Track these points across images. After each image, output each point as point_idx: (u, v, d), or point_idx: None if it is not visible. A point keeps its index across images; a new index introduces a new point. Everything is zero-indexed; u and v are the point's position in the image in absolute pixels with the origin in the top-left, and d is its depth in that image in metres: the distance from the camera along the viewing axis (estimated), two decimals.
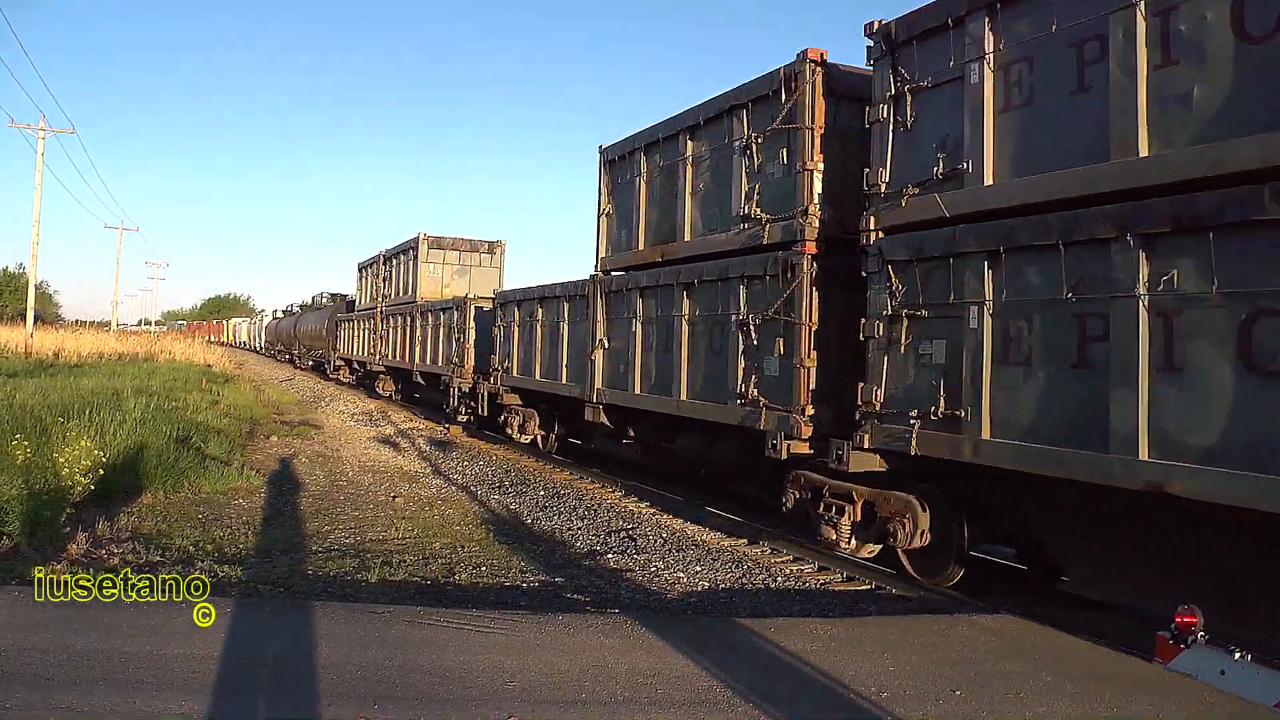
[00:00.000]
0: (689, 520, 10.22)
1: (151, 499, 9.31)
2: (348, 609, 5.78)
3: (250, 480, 11.00)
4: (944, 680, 4.88)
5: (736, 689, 4.58)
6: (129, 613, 5.22)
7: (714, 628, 6.07)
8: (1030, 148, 5.83)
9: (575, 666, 4.82)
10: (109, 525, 7.79)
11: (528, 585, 7.33)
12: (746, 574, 7.97)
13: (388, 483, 12.10)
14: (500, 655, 4.91)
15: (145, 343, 40.89)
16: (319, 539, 8.53)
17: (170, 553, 7.40)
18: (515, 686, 4.49)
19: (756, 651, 5.31)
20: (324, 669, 4.56)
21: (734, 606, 6.98)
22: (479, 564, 7.89)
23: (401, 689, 4.39)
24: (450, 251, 23.24)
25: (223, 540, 8.05)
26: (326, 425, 18.85)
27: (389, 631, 5.22)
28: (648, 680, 4.67)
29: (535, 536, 9.36)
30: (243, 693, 4.27)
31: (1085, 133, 5.44)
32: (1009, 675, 5.05)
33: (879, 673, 4.95)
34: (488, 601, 6.67)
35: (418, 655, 4.84)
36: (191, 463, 10.62)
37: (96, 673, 4.34)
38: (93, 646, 4.66)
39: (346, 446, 15.70)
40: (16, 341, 32.92)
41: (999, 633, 5.98)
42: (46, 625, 4.94)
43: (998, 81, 6.04)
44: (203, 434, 13.05)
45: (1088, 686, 4.91)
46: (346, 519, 9.53)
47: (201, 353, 38.95)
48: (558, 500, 11.29)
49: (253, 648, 4.87)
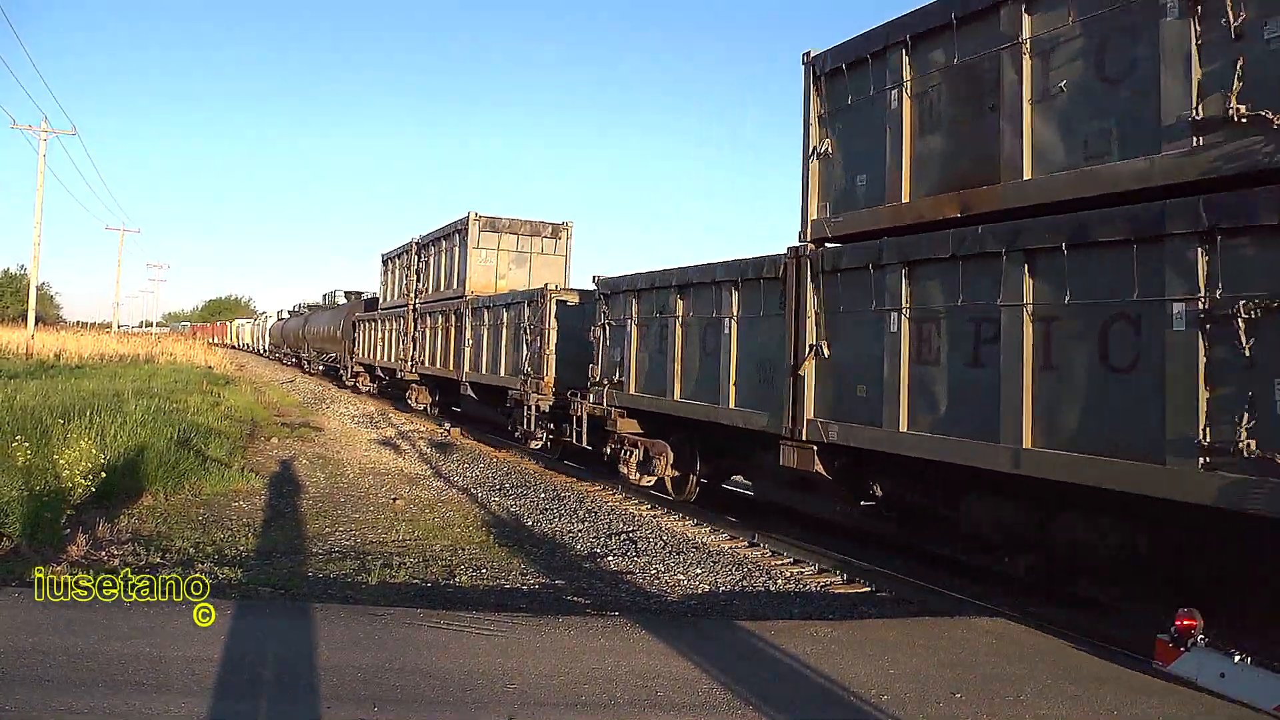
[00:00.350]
0: (690, 523, 10.22)
1: (152, 501, 9.31)
2: (348, 611, 5.78)
3: (251, 482, 11.00)
4: (944, 683, 4.87)
5: (737, 691, 4.58)
6: (129, 614, 5.22)
7: (714, 630, 6.07)
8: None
9: (576, 669, 4.82)
10: (109, 527, 7.79)
11: (528, 587, 7.33)
12: (747, 576, 7.97)
13: (388, 485, 12.10)
14: (500, 657, 4.91)
15: (146, 344, 40.87)
16: (319, 541, 8.53)
17: (170, 554, 7.40)
18: (515, 688, 4.49)
19: (757, 654, 5.30)
20: (324, 671, 4.55)
21: (734, 609, 6.98)
22: (479, 566, 7.89)
23: (402, 691, 4.38)
24: (507, 235, 19.19)
25: (223, 542, 8.06)
26: (327, 427, 18.85)
27: (389, 633, 5.22)
28: (648, 683, 4.67)
29: (536, 539, 9.36)
30: (243, 694, 4.26)
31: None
32: (1009, 677, 5.04)
33: (879, 675, 4.94)
34: (488, 604, 6.66)
35: (418, 657, 4.84)
36: (192, 464, 10.64)
37: (96, 674, 4.34)
38: (93, 648, 4.66)
39: (347, 448, 15.70)
40: (18, 343, 32.95)
41: (999, 635, 5.97)
42: (47, 627, 4.94)
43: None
44: (203, 436, 13.06)
45: (1088, 689, 4.90)
46: (347, 521, 9.54)
47: (203, 355, 38.95)
48: (558, 503, 11.29)
49: (253, 649, 4.86)
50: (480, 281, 18.91)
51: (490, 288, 18.62)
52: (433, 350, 20.50)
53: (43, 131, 34.19)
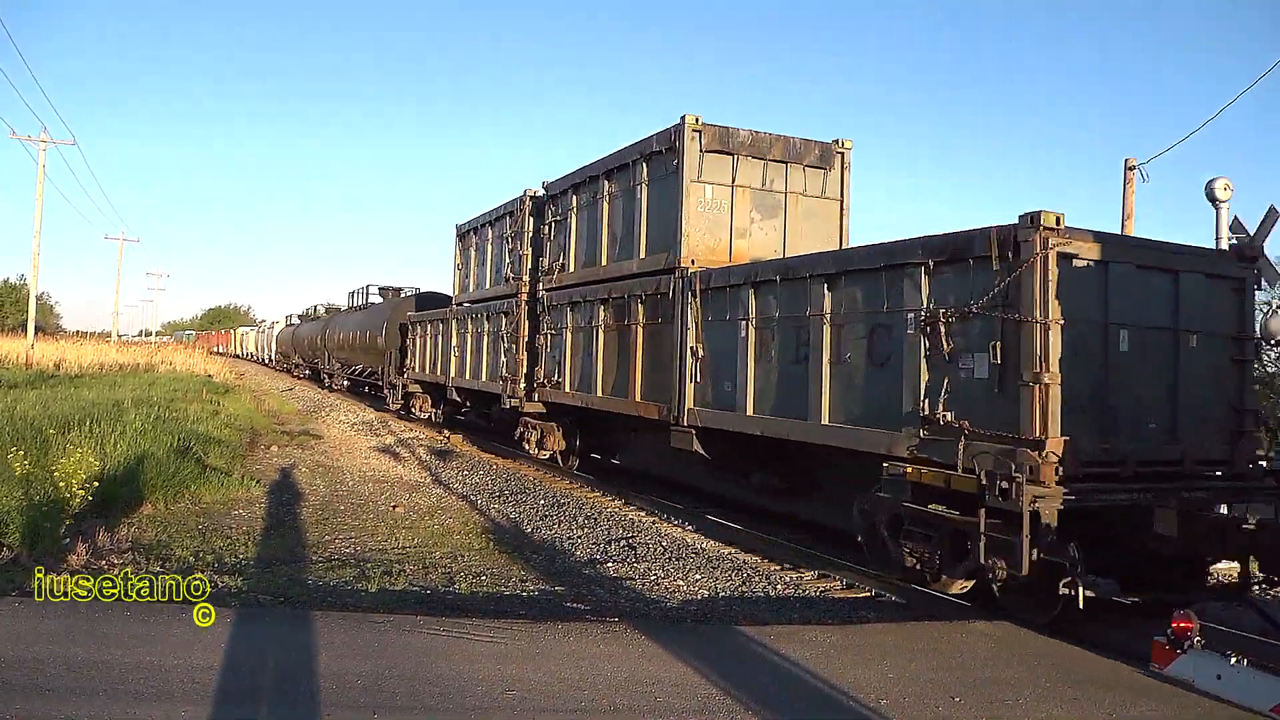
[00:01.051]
0: (689, 529, 10.23)
1: (152, 509, 9.32)
2: (348, 618, 5.79)
3: (251, 490, 11.01)
4: (943, 686, 4.89)
5: (736, 696, 4.59)
6: (130, 622, 5.23)
7: (714, 635, 6.08)
8: None
9: (575, 674, 4.83)
10: (109, 536, 7.79)
11: (528, 594, 7.34)
12: (746, 581, 7.97)
13: (388, 492, 12.10)
14: (500, 663, 4.92)
15: (146, 353, 40.83)
16: (319, 549, 8.54)
17: (170, 563, 7.40)
18: (515, 694, 4.50)
19: (756, 659, 5.31)
20: (324, 678, 4.57)
21: (734, 614, 6.98)
22: (479, 573, 7.90)
23: (402, 698, 4.40)
24: (747, 163, 10.90)
25: (223, 550, 8.06)
26: (327, 435, 18.84)
27: (389, 640, 5.23)
28: (648, 688, 4.68)
29: (535, 545, 9.37)
30: (243, 701, 4.28)
31: None
32: (1007, 681, 5.06)
33: (878, 679, 4.96)
34: (488, 610, 6.67)
35: (418, 664, 4.85)
36: (192, 473, 10.64)
37: (97, 683, 4.35)
38: (93, 656, 4.67)
39: (347, 456, 15.71)
40: (17, 352, 32.98)
41: (997, 639, 5.99)
42: (47, 635, 4.95)
43: None
44: (203, 444, 13.07)
45: (1086, 691, 4.91)
46: (347, 528, 9.54)
47: (202, 363, 38.89)
48: (558, 509, 11.30)
49: (253, 657, 4.88)
50: (705, 242, 10.66)
51: (720, 255, 10.64)
52: (586, 365, 12.53)
53: (42, 141, 34.28)
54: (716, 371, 9.66)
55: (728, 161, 10.77)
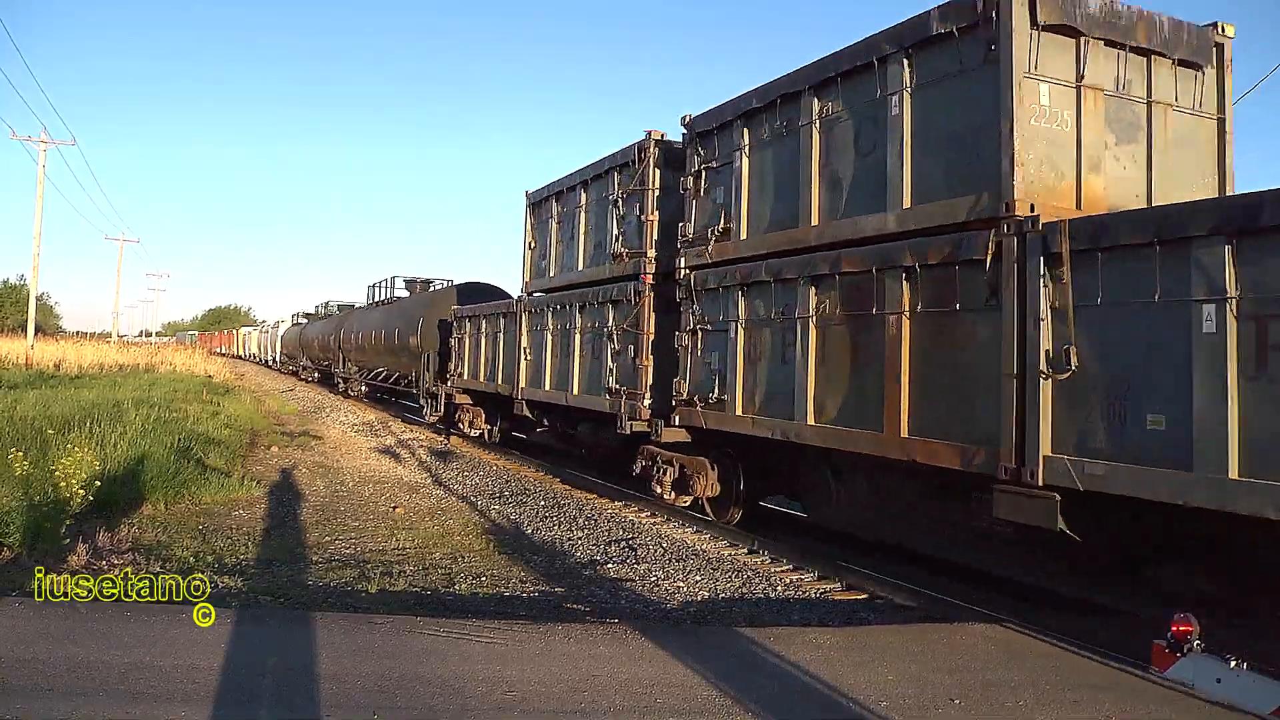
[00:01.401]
0: (690, 530, 10.22)
1: (152, 510, 9.32)
2: (348, 619, 5.79)
3: (251, 491, 11.01)
4: (943, 689, 4.88)
5: (737, 698, 4.59)
6: (130, 622, 5.23)
7: (714, 637, 6.08)
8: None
9: (575, 676, 4.83)
10: (109, 536, 7.79)
11: (528, 595, 7.34)
12: (746, 583, 7.97)
13: (388, 493, 12.11)
14: (500, 665, 4.92)
15: (146, 354, 40.81)
16: (319, 550, 8.54)
17: (171, 564, 7.40)
18: (515, 696, 4.50)
19: (757, 660, 5.31)
20: (324, 679, 4.56)
21: (734, 615, 6.99)
22: (479, 574, 7.90)
23: (401, 699, 4.40)
24: (1101, 50, 6.48)
25: (223, 551, 8.07)
26: (327, 436, 18.85)
27: (389, 641, 5.23)
28: (648, 689, 4.68)
29: (535, 546, 9.37)
30: (243, 703, 4.27)
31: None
32: (1008, 684, 5.05)
33: (878, 682, 4.95)
34: (488, 611, 6.67)
35: (417, 665, 4.85)
36: (192, 474, 10.64)
37: (97, 683, 4.35)
38: (93, 657, 4.67)
39: (347, 457, 15.72)
40: (17, 353, 33.01)
41: (998, 641, 5.99)
42: (47, 635, 4.95)
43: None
44: (203, 445, 13.07)
45: (1088, 694, 4.91)
46: (347, 529, 9.55)
47: (202, 364, 38.85)
48: (558, 510, 11.30)
49: (253, 658, 4.87)
50: (1043, 178, 6.25)
51: (1062, 199, 6.29)
52: (778, 377, 8.35)
53: (42, 142, 34.36)
54: (1110, 392, 5.38)
55: (1070, 48, 6.44)
